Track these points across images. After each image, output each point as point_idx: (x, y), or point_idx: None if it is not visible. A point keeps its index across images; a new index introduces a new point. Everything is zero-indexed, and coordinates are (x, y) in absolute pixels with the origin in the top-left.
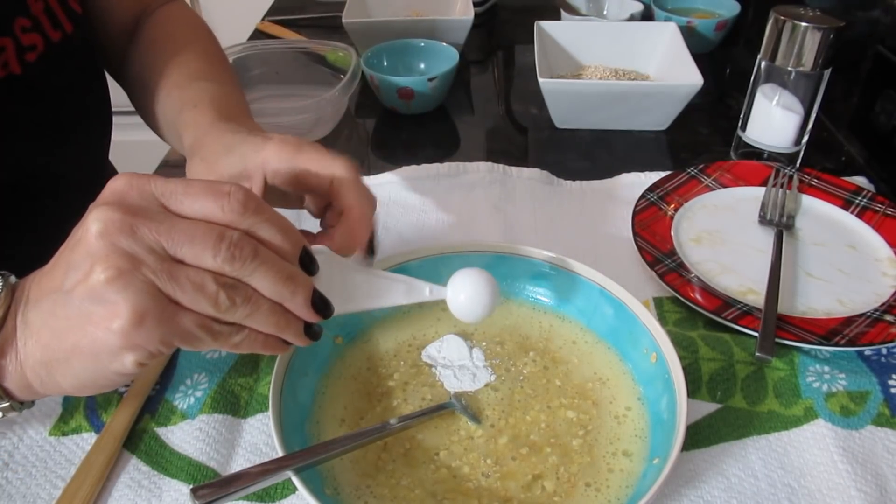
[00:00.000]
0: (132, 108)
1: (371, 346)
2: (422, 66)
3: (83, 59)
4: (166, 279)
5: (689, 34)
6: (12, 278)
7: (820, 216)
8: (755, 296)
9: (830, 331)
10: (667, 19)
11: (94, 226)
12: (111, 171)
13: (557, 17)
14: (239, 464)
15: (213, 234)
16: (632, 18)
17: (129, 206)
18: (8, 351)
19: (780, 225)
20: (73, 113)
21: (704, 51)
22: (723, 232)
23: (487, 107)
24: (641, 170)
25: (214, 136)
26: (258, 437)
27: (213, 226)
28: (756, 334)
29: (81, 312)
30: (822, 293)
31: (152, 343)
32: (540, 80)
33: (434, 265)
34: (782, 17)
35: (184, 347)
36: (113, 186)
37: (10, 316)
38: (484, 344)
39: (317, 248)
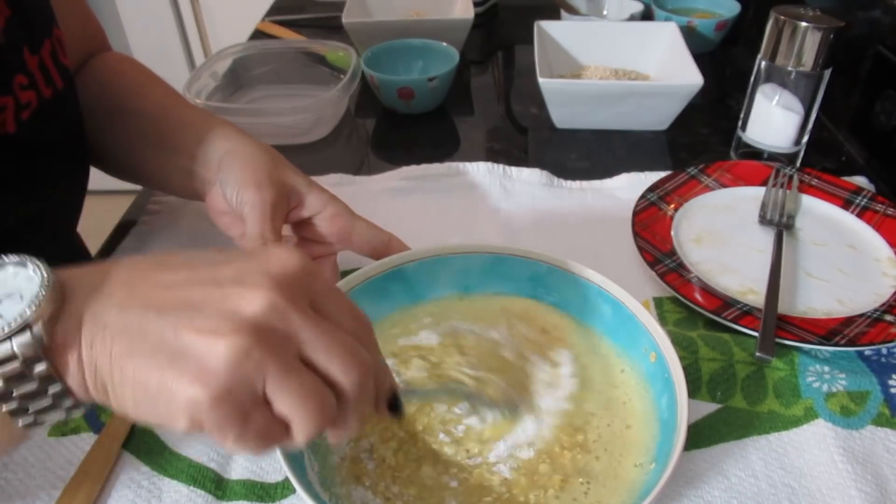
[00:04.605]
0: None
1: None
2: (422, 65)
3: (71, 114)
4: (277, 381)
5: (689, 34)
6: (44, 271)
7: (820, 216)
8: (755, 296)
9: (830, 331)
10: (667, 19)
11: (256, 303)
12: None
13: (557, 17)
14: (239, 464)
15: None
16: (632, 18)
17: (295, 296)
18: (71, 346)
19: (780, 225)
20: (57, 167)
21: (704, 51)
22: (723, 232)
23: (487, 107)
24: (641, 170)
25: (271, 153)
26: None
27: (353, 341)
28: (756, 334)
29: (173, 352)
30: (822, 293)
31: (212, 427)
32: (540, 80)
33: (433, 266)
34: (782, 17)
35: (229, 445)
36: (286, 265)
37: (70, 306)
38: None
39: None
